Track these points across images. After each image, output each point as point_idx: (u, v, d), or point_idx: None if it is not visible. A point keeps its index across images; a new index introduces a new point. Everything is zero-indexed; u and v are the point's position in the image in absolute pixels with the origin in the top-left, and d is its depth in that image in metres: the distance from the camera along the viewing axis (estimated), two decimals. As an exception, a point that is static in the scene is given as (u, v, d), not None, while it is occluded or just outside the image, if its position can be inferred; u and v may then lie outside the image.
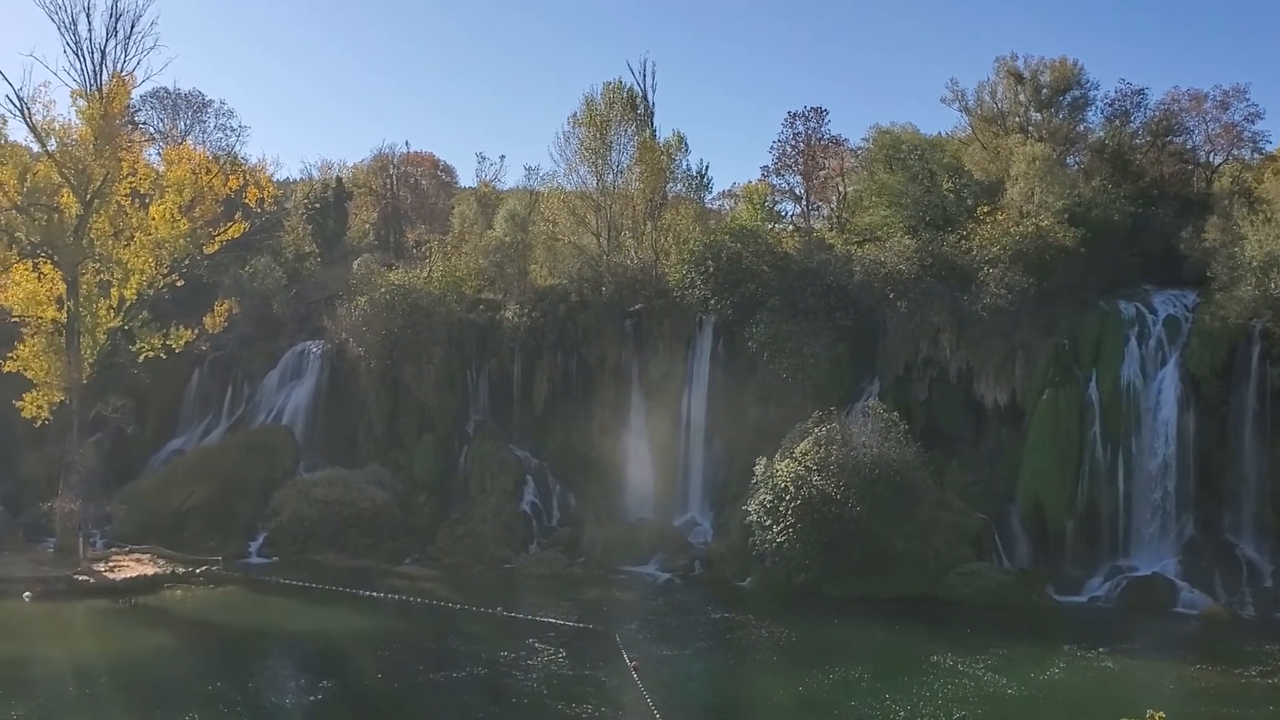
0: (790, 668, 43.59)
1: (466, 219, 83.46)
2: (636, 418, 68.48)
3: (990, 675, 41.09)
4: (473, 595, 54.58)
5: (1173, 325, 58.71)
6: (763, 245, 69.32)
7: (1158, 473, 56.31)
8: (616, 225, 74.38)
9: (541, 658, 43.91)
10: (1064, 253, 60.59)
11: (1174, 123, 72.71)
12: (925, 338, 62.53)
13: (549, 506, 67.69)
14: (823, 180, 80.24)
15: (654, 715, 35.82)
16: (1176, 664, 43.55)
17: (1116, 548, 56.37)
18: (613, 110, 74.00)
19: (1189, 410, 56.44)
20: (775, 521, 54.87)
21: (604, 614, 51.29)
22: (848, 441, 55.82)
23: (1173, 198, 68.53)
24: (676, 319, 68.87)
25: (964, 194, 67.89)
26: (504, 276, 75.42)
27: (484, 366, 72.59)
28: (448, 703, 38.49)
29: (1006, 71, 71.93)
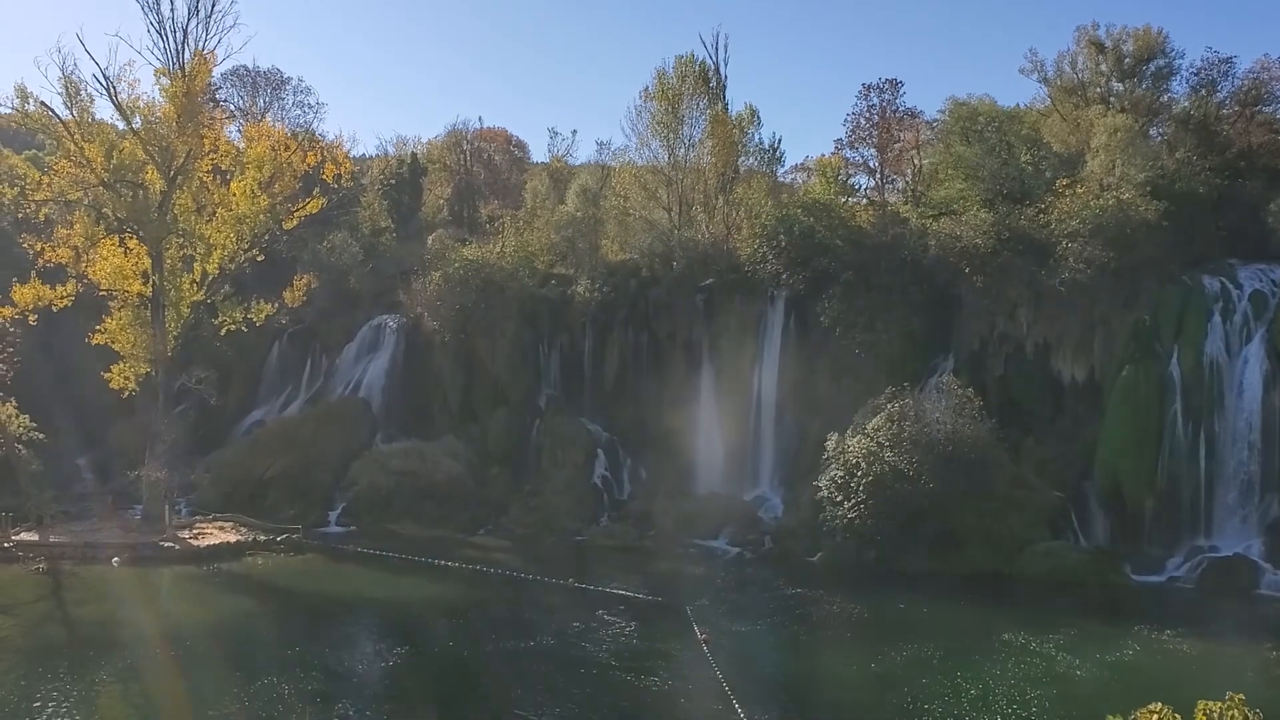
0: (861, 644, 43.52)
1: (539, 194, 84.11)
2: (707, 392, 68.59)
3: (1063, 655, 40.62)
4: (544, 566, 55.32)
5: (1259, 300, 57.07)
6: (836, 219, 68.79)
7: (1242, 452, 54.91)
8: (688, 200, 74.34)
9: (611, 629, 44.41)
10: (1146, 226, 59.18)
11: (1263, 92, 70.40)
12: (1001, 313, 61.64)
13: (619, 480, 68.23)
14: (897, 153, 79.26)
15: (724, 688, 36.05)
16: (1258, 647, 42.56)
17: (1197, 528, 55.16)
18: (684, 84, 73.86)
19: (1275, 387, 54.90)
20: (846, 497, 54.69)
21: (674, 587, 51.63)
22: (921, 418, 55.41)
23: (1261, 169, 66.43)
24: (748, 294, 68.75)
25: (1042, 166, 66.60)
26: (575, 251, 75.84)
27: (556, 341, 73.23)
28: (518, 671, 39.16)
29: (1088, 41, 70.24)
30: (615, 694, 36.91)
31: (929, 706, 35.08)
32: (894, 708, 35.06)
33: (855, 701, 36.87)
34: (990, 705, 35.20)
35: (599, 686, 37.55)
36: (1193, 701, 15.30)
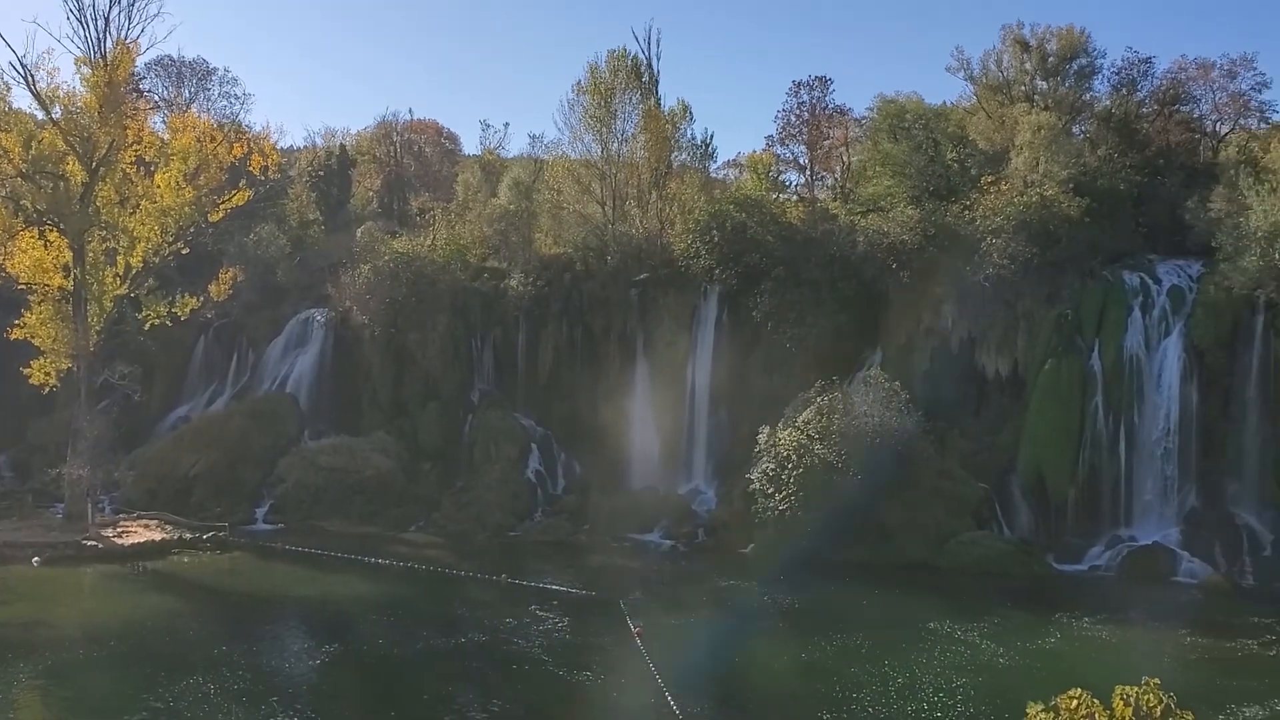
0: (791, 634, 44.08)
1: (470, 187, 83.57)
2: (641, 386, 68.82)
3: (987, 643, 41.51)
4: (477, 562, 55.15)
5: (1177, 296, 58.74)
6: (767, 215, 69.40)
7: (1160, 443, 56.51)
8: (621, 194, 74.41)
9: (545, 624, 44.43)
10: (1068, 222, 60.55)
11: (1181, 92, 72.37)
12: (927, 308, 62.66)
13: (553, 474, 68.15)
14: (827, 150, 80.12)
15: (657, 681, 36.26)
16: (1174, 633, 43.79)
17: (1117, 517, 56.68)
18: (617, 78, 73.83)
19: (1192, 381, 56.56)
20: (778, 490, 55.28)
21: (608, 581, 51.79)
22: (849, 411, 56.20)
23: (1179, 167, 68.28)
24: (681, 288, 69.05)
25: (968, 164, 67.78)
26: (508, 245, 75.55)
27: (488, 335, 72.91)
28: (451, 668, 39.01)
29: (1013, 40, 71.55)
30: (548, 689, 36.97)
31: (857, 695, 35.65)
32: (823, 697, 35.56)
33: (786, 691, 37.35)
34: (916, 693, 35.87)
35: (531, 682, 37.57)
36: (1111, 687, 15.75)
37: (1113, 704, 15.24)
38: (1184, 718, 15.34)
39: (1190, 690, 25.91)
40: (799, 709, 34.65)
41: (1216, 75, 72.14)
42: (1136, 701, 15.30)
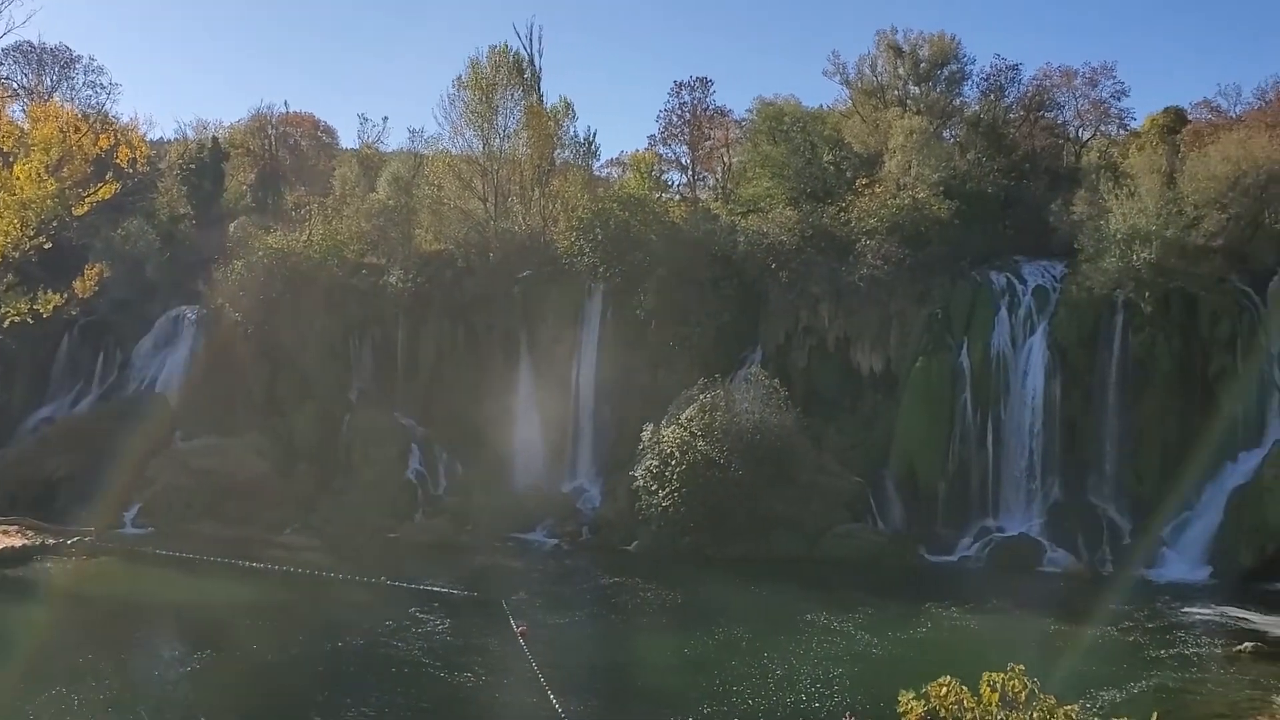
0: (674, 629, 44.48)
1: (348, 181, 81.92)
2: (525, 385, 68.50)
3: (862, 633, 42.58)
4: (355, 565, 54.08)
5: (1041, 295, 61.14)
6: (650, 214, 69.85)
7: (1025, 437, 58.79)
8: (504, 191, 73.98)
9: (425, 626, 43.90)
10: (939, 224, 62.51)
11: (1045, 98, 75.38)
12: (805, 307, 63.92)
13: (435, 475, 67.33)
14: (708, 150, 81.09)
15: (540, 680, 36.19)
16: (1039, 620, 45.56)
17: (986, 509, 58.75)
18: (498, 74, 73.35)
19: (1055, 377, 58.95)
20: (661, 486, 55.78)
21: (490, 581, 51.41)
22: (731, 408, 57.03)
23: (1044, 171, 71.13)
24: (565, 286, 68.96)
25: (844, 166, 69.40)
26: (387, 241, 74.40)
27: (367, 332, 71.63)
28: (328, 672, 38.25)
29: (886, 45, 73.50)
30: (428, 691, 36.55)
31: (737, 688, 36.19)
32: (704, 690, 35.99)
33: (668, 686, 37.65)
34: (795, 685, 36.60)
35: (411, 684, 37.11)
36: (980, 673, 16.26)
37: (980, 690, 15.76)
38: (1046, 702, 15.93)
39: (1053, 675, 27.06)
40: (681, 704, 34.96)
41: (1079, 83, 75.46)
42: (1002, 687, 15.83)
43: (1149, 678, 37.28)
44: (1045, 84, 75.58)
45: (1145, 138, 71.49)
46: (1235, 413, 56.59)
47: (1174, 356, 57.21)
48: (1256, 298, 57.69)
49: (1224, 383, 56.87)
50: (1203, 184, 59.65)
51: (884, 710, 18.94)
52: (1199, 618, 45.61)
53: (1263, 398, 56.67)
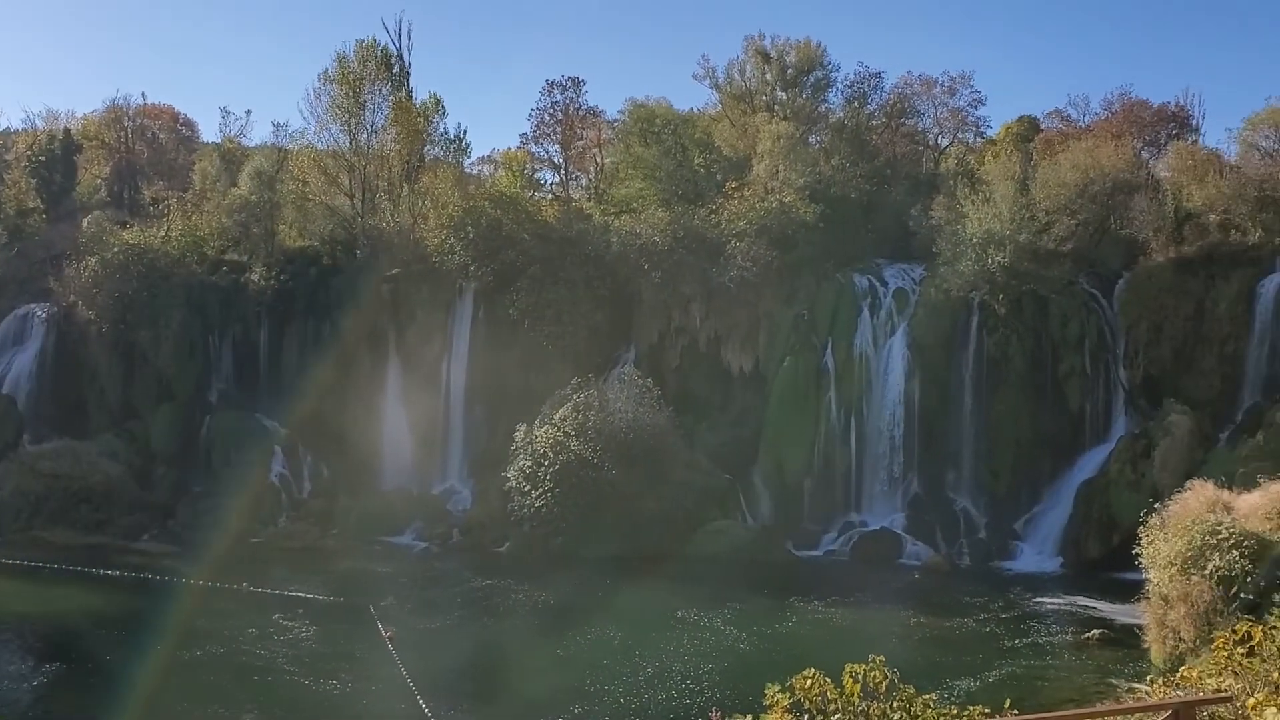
0: (546, 630, 44.39)
1: (209, 176, 79.37)
2: (394, 385, 67.42)
3: (730, 629, 43.30)
4: (216, 571, 52.37)
5: (901, 297, 63.07)
6: (523, 213, 69.48)
7: (886, 435, 60.59)
8: (371, 187, 72.62)
9: (289, 633, 42.87)
10: (805, 228, 63.85)
11: (907, 106, 77.79)
12: (677, 307, 64.58)
13: (299, 477, 65.73)
14: (580, 150, 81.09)
15: (409, 684, 35.74)
16: (900, 612, 47.03)
17: (849, 504, 60.35)
18: (366, 68, 71.92)
19: (914, 377, 60.86)
20: (534, 486, 55.63)
21: (358, 586, 50.44)
22: (604, 407, 57.24)
23: (904, 177, 73.32)
24: (436, 285, 68.04)
25: (714, 169, 70.30)
26: (250, 237, 72.36)
27: (228, 332, 69.51)
28: (185, 682, 37.03)
29: (754, 51, 74.77)
30: (292, 699, 35.74)
31: (609, 687, 36.40)
32: (576, 691, 36.10)
33: (540, 687, 37.56)
34: (666, 681, 37.00)
35: (274, 692, 36.22)
36: (843, 665, 16.68)
37: (842, 681, 16.18)
38: (906, 691, 16.45)
39: (912, 665, 27.99)
40: (553, 705, 35.00)
41: (938, 91, 78.11)
42: (864, 678, 16.29)
43: (1003, 666, 38.86)
44: (906, 92, 78.06)
45: (1000, 145, 74.50)
46: (1084, 410, 59.46)
47: (1026, 356, 59.68)
48: (1104, 300, 60.64)
49: (1073, 381, 59.58)
50: (1053, 191, 62.42)
51: (752, 704, 19.30)
52: (1050, 607, 47.70)
53: (1109, 396, 59.69)
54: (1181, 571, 34.10)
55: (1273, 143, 63.95)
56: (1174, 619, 34.31)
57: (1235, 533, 33.21)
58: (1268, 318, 56.43)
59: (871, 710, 15.71)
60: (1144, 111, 73.94)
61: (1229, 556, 32.70)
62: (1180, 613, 33.92)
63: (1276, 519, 33.46)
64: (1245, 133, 65.47)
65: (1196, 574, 33.56)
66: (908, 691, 16.27)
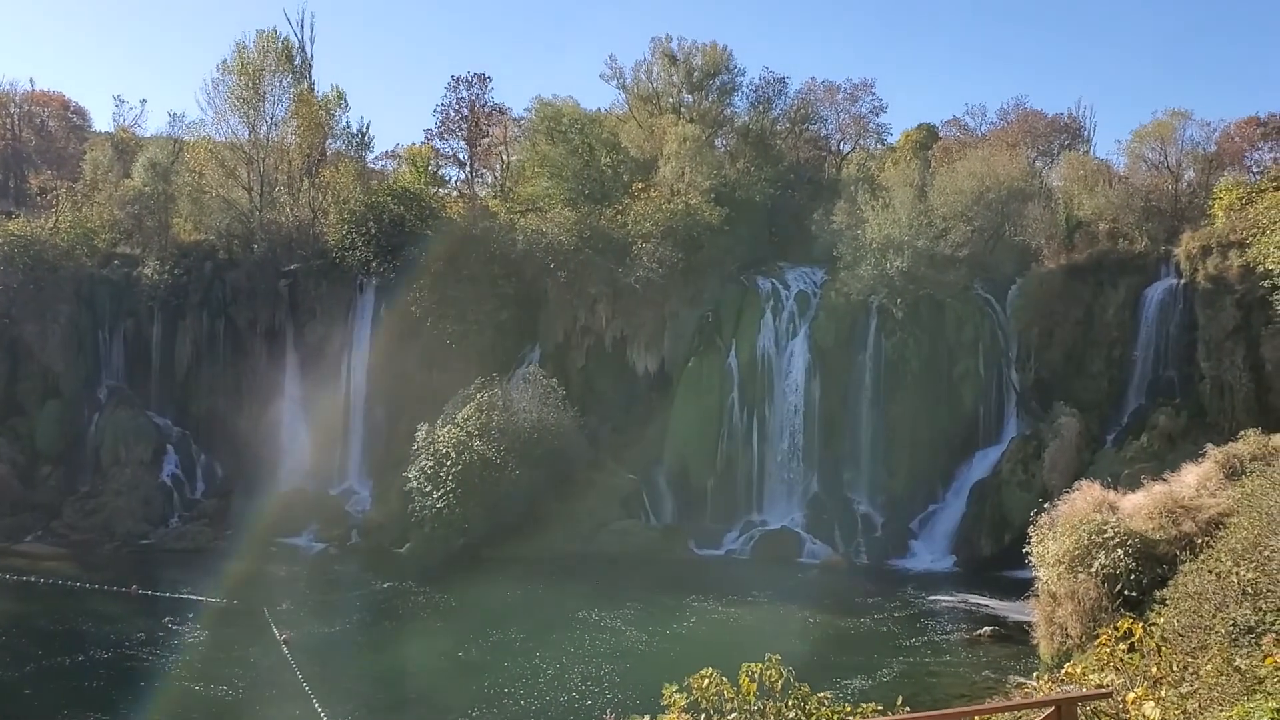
0: (446, 633, 43.95)
1: (100, 166, 76.79)
2: (291, 383, 66.11)
3: (630, 629, 43.39)
4: (104, 573, 50.88)
5: (803, 300, 63.93)
6: (426, 209, 68.62)
7: (787, 435, 61.37)
8: (270, 180, 71.09)
9: (180, 637, 41.74)
10: (710, 230, 64.27)
11: (810, 111, 78.84)
12: (583, 307, 64.49)
13: (192, 477, 64.13)
14: (486, 148, 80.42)
15: (304, 689, 35.04)
16: (797, 610, 47.50)
17: (751, 504, 60.97)
18: (266, 59, 70.42)
19: (815, 378, 61.81)
20: (436, 487, 54.98)
21: (252, 588, 49.29)
22: (509, 407, 56.88)
23: (807, 182, 74.39)
24: (336, 281, 66.93)
25: (621, 170, 70.31)
26: (143, 230, 70.36)
27: (119, 327, 67.46)
28: (70, 688, 35.77)
29: (662, 53, 75.04)
30: (182, 704, 34.74)
31: (509, 690, 36.18)
32: (476, 694, 35.79)
33: (439, 691, 37.19)
34: (565, 683, 36.91)
35: (163, 698, 35.13)
36: (740, 664, 16.79)
37: (739, 680, 16.30)
38: (801, 689, 16.63)
39: (810, 663, 28.40)
40: (453, 708, 34.64)
41: (841, 98, 79.39)
42: (760, 677, 16.43)
43: (898, 663, 39.62)
44: (810, 98, 79.14)
45: (900, 152, 76.03)
46: (977, 412, 60.99)
47: (923, 359, 61.01)
48: (997, 305, 62.30)
49: (967, 384, 61.10)
50: (950, 198, 63.88)
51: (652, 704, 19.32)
52: (944, 604, 48.75)
53: (1001, 398, 61.32)
54: (1069, 570, 35.06)
55: (1159, 155, 66.36)
56: (1062, 616, 35.28)
57: (1120, 532, 34.24)
58: (1153, 323, 58.57)
59: (767, 709, 15.86)
60: (1038, 122, 76.26)
61: (1114, 555, 33.70)
62: (1068, 610, 34.89)
63: (1159, 519, 34.57)
64: (1133, 145, 67.84)
65: (1083, 572, 34.54)
66: (803, 690, 16.44)
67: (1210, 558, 27.01)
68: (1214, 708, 12.74)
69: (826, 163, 79.57)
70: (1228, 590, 21.91)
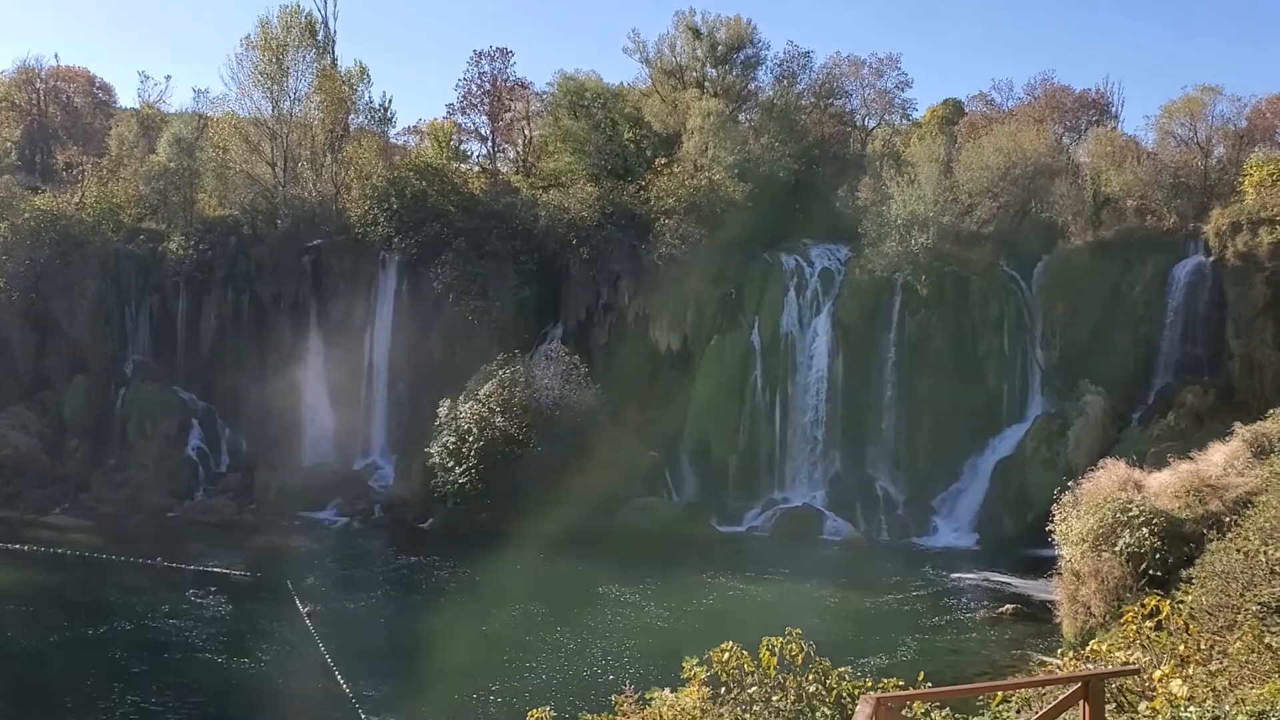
0: (469, 607, 44.11)
1: (126, 141, 77.10)
2: (315, 358, 66.34)
3: (651, 605, 43.46)
4: (131, 546, 51.37)
5: (827, 277, 63.52)
6: (448, 185, 68.61)
7: (810, 413, 61.16)
8: (294, 155, 71.16)
9: (205, 610, 42.10)
10: (733, 206, 63.86)
11: (835, 86, 78.05)
12: (606, 284, 64.35)
13: (217, 451, 64.64)
14: (508, 123, 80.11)
15: (328, 661, 35.28)
16: (819, 587, 47.43)
17: (773, 481, 60.83)
18: (290, 34, 70.29)
19: (838, 356, 61.50)
20: (458, 463, 55.17)
21: (276, 562, 49.70)
22: (531, 384, 56.91)
23: (832, 158, 73.61)
24: (359, 256, 67.05)
25: (643, 145, 69.92)
26: (168, 205, 70.68)
27: (145, 302, 67.88)
28: (98, 658, 36.18)
29: (685, 26, 74.37)
30: (205, 676, 35.07)
31: (532, 664, 36.32)
32: (499, 668, 35.92)
33: (462, 664, 37.27)
34: (587, 657, 37.05)
35: (186, 670, 35.51)
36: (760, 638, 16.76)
37: (760, 654, 16.29)
38: (822, 663, 16.61)
39: (830, 640, 28.24)
40: (475, 682, 34.80)
41: (866, 73, 78.56)
42: (780, 651, 16.42)
43: (918, 640, 39.52)
44: (835, 72, 78.37)
45: (926, 128, 75.25)
46: (1001, 390, 60.53)
47: (947, 336, 60.55)
48: (1022, 282, 61.69)
49: (991, 362, 60.64)
50: (976, 174, 63.21)
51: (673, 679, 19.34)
52: (966, 583, 48.59)
53: (1026, 376, 60.85)
54: (1093, 548, 34.85)
55: (1188, 131, 65.47)
56: (1085, 594, 35.09)
57: (1145, 510, 33.98)
58: (1180, 301, 57.92)
59: (788, 682, 15.84)
60: (1065, 97, 75.30)
61: (1139, 534, 33.45)
62: (1091, 588, 34.70)
63: (1185, 498, 34.32)
64: (1162, 120, 66.92)
65: (1107, 550, 34.32)
66: (823, 664, 16.41)
67: (1238, 536, 26.74)
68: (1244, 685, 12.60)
69: (851, 138, 78.83)
70: (1256, 569, 21.69)
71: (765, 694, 15.92)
